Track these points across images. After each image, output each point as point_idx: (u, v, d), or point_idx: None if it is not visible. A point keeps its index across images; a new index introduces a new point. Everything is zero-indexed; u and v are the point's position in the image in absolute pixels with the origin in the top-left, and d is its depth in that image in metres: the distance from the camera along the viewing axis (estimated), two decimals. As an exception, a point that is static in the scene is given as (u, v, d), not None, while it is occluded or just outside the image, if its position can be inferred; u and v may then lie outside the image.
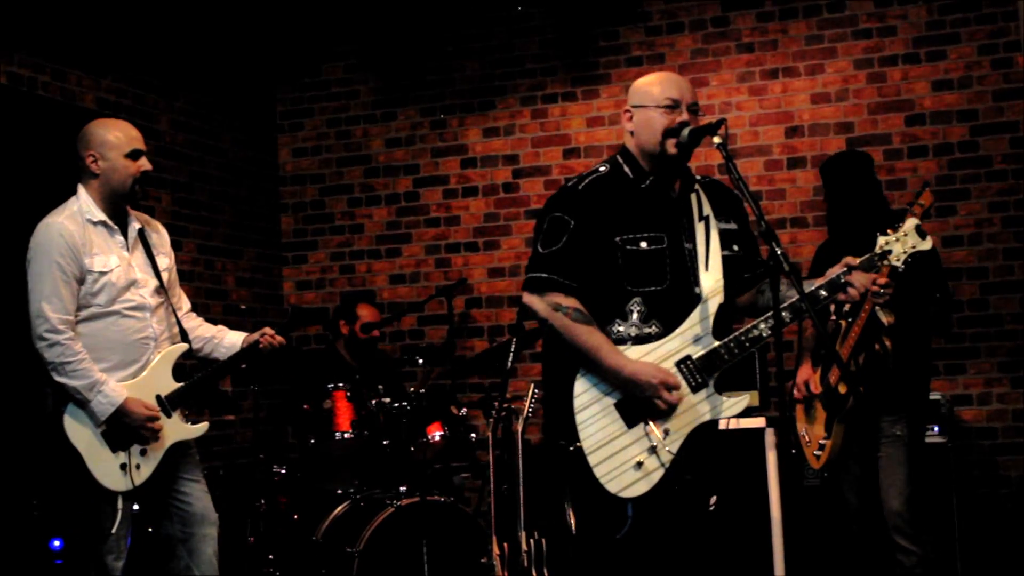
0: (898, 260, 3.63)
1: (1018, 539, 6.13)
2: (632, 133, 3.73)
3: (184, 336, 4.52)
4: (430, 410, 5.89)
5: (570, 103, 7.29)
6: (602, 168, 3.76)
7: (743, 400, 3.56)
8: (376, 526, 5.46)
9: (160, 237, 4.59)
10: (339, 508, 5.71)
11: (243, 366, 4.71)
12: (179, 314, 4.59)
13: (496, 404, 5.78)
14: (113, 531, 4.21)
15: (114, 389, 4.20)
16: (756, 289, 3.75)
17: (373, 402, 5.85)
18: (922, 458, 5.02)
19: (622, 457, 3.52)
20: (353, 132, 7.74)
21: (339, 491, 5.89)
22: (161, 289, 4.44)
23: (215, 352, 4.61)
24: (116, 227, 4.38)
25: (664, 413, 3.52)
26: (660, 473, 3.51)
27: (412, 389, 5.96)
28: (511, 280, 7.30)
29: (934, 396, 5.76)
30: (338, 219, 7.75)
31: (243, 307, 7.02)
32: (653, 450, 3.52)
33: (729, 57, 6.99)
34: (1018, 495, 6.29)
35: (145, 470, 4.28)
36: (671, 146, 3.62)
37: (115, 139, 4.37)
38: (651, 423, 3.53)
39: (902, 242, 3.62)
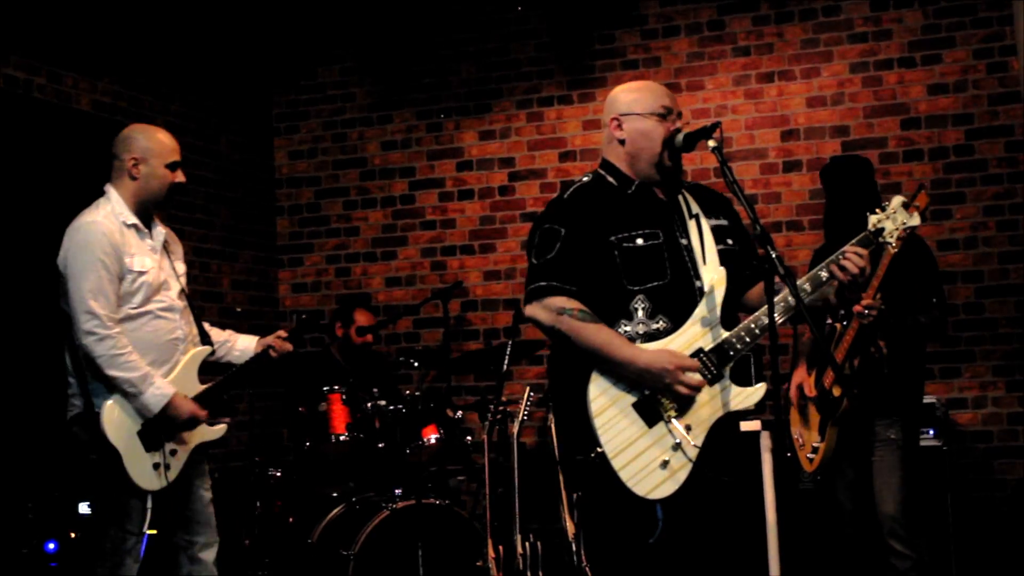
0: (891, 237, 3.63)
1: (1013, 543, 6.13)
2: (622, 142, 3.70)
3: (206, 339, 4.57)
4: (426, 413, 5.89)
5: (566, 106, 7.30)
6: (584, 179, 3.75)
7: (759, 390, 3.53)
8: (371, 529, 5.45)
9: (176, 246, 4.69)
10: (334, 511, 5.70)
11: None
12: None
13: (492, 407, 5.79)
14: (144, 530, 4.24)
15: (164, 383, 4.28)
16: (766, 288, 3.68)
17: (369, 405, 5.85)
18: (917, 462, 5.02)
19: (647, 458, 3.46)
20: (349, 135, 7.74)
21: (334, 494, 5.89)
22: (183, 293, 4.53)
23: (228, 356, 4.71)
24: (147, 231, 4.45)
25: (684, 408, 3.48)
26: (687, 470, 3.46)
27: (408, 392, 5.96)
28: (507, 283, 7.30)
29: (929, 399, 5.76)
30: (334, 222, 7.74)
31: (239, 309, 7.02)
32: (678, 447, 3.47)
33: (725, 60, 7.00)
34: (1013, 499, 6.30)
35: (174, 470, 4.33)
36: (666, 158, 3.63)
37: (159, 147, 4.48)
38: (672, 420, 3.48)
39: (892, 219, 3.63)
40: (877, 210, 3.65)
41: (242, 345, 4.71)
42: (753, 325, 3.53)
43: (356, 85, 7.74)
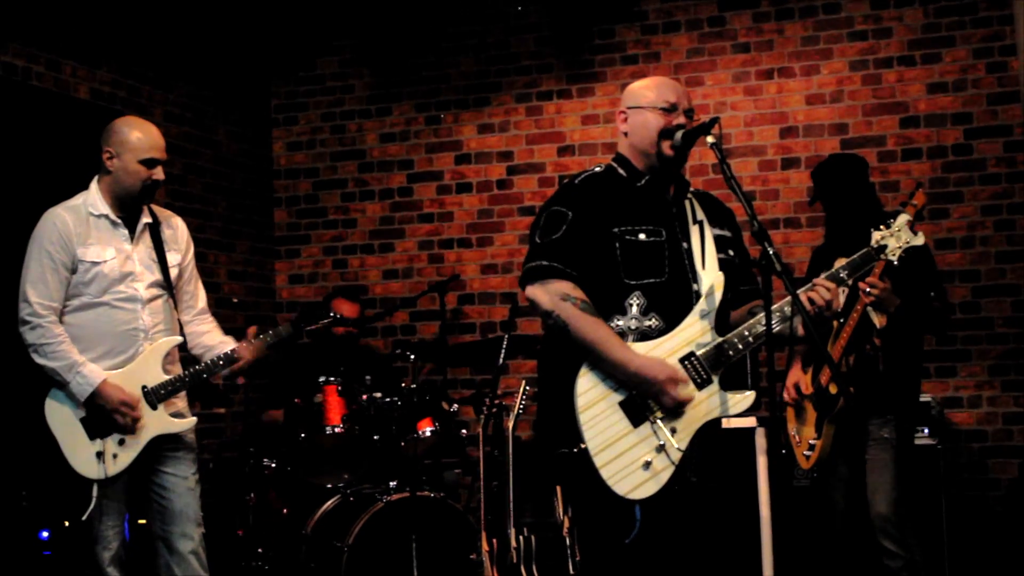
0: (893, 255, 3.66)
1: (1007, 543, 6.14)
2: (626, 134, 3.73)
3: (181, 330, 4.55)
4: (421, 406, 5.88)
5: (565, 100, 7.29)
6: (597, 168, 3.77)
7: (748, 397, 3.53)
8: (365, 521, 5.45)
9: (175, 232, 4.62)
10: (329, 502, 5.71)
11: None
12: (191, 313, 4.64)
13: (487, 400, 5.79)
14: (83, 518, 4.24)
15: (92, 371, 4.25)
16: (749, 310, 3.68)
17: (364, 397, 5.85)
18: (911, 461, 5.02)
19: (629, 457, 3.45)
20: (347, 126, 7.73)
21: (329, 485, 5.89)
22: (163, 284, 4.47)
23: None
24: (120, 221, 4.41)
25: (671, 410, 3.47)
26: (669, 472, 3.45)
27: (403, 384, 5.96)
28: (504, 276, 7.30)
29: (925, 398, 5.76)
30: (331, 213, 7.74)
31: (235, 300, 7.00)
32: (661, 449, 3.45)
33: (725, 57, 6.99)
34: (1007, 498, 6.31)
35: (123, 460, 4.29)
36: (667, 147, 3.63)
37: (135, 141, 4.38)
38: (658, 421, 3.47)
39: (896, 237, 3.65)
40: (882, 227, 3.66)
41: (222, 350, 4.55)
42: (747, 332, 3.53)
43: (355, 77, 7.73)
